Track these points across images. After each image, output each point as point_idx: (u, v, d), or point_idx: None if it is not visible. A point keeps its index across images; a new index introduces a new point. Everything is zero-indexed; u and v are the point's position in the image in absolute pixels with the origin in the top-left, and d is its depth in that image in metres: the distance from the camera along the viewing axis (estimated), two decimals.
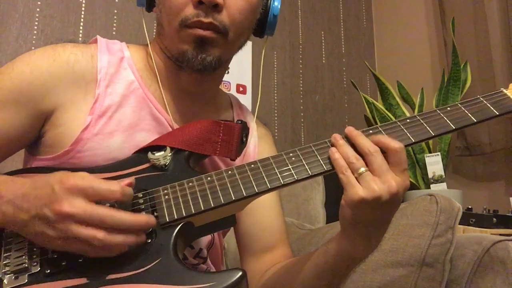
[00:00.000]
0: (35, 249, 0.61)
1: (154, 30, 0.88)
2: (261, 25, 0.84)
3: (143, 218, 0.59)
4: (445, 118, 0.69)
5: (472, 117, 0.70)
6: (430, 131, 0.68)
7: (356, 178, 0.61)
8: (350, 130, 0.66)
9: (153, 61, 0.82)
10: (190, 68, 0.77)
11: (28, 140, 0.76)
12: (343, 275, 0.71)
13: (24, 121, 0.73)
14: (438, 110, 0.71)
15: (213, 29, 0.73)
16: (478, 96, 0.73)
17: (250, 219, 0.86)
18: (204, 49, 0.74)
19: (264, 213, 0.82)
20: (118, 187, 0.58)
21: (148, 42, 0.84)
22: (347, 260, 0.68)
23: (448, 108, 0.71)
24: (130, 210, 0.63)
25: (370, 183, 0.60)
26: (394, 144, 0.62)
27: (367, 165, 0.62)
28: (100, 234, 0.55)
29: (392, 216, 0.65)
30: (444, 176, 1.77)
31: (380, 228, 0.65)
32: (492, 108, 0.71)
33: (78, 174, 0.59)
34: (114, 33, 1.77)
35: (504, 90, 0.74)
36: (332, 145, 0.66)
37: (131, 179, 0.63)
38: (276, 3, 0.84)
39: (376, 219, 0.63)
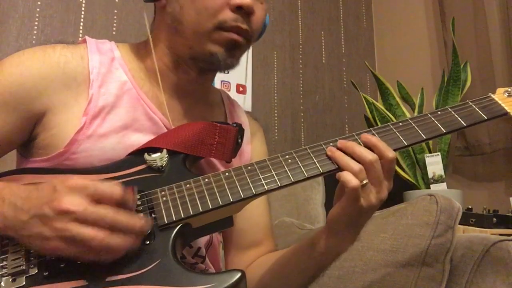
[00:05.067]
0: (32, 251, 0.60)
1: (148, 28, 0.87)
2: None
3: (142, 220, 0.58)
4: (436, 122, 0.72)
5: (462, 121, 0.72)
6: (422, 134, 0.70)
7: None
8: (342, 143, 0.68)
9: (147, 60, 0.82)
10: (213, 69, 0.80)
11: (18, 142, 0.76)
12: (327, 266, 0.77)
13: (15, 124, 0.72)
14: (429, 114, 0.73)
15: (246, 35, 0.76)
16: (468, 101, 0.75)
17: (238, 215, 0.87)
18: (233, 54, 0.77)
19: (252, 209, 0.83)
20: (119, 188, 0.57)
21: (151, 41, 0.82)
22: (334, 255, 0.75)
23: (439, 112, 0.73)
24: None
25: (369, 195, 0.65)
26: (389, 153, 0.66)
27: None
28: (100, 235, 0.54)
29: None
30: (444, 176, 1.77)
31: (365, 222, 0.71)
32: (481, 113, 0.73)
33: (82, 175, 0.59)
34: (114, 33, 1.77)
35: (492, 95, 0.77)
36: (327, 153, 0.68)
37: (134, 187, 0.61)
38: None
39: (364, 221, 0.70)
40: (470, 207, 1.42)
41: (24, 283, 0.58)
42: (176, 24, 0.78)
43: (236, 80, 2.05)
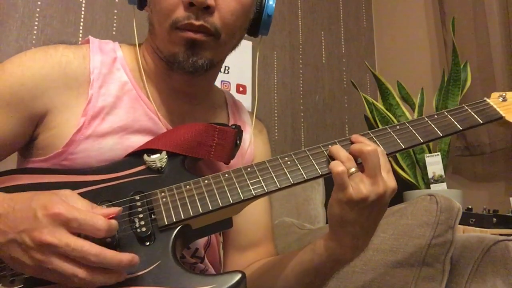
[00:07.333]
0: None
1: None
2: (255, 24, 0.83)
3: (127, 258, 0.55)
4: (433, 126, 0.73)
5: (458, 125, 0.73)
6: (419, 137, 0.71)
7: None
8: (334, 148, 0.68)
9: (145, 61, 0.81)
10: (181, 70, 0.76)
11: (20, 143, 0.75)
12: (326, 275, 0.73)
13: (16, 124, 0.72)
14: (426, 118, 0.74)
15: (204, 31, 0.72)
16: (463, 105, 0.76)
17: (237, 215, 0.86)
18: (195, 52, 0.73)
19: (252, 209, 0.82)
20: (103, 224, 0.54)
21: (137, 43, 0.83)
22: (333, 261, 0.70)
23: (435, 116, 0.74)
24: (127, 213, 0.64)
25: (359, 184, 0.63)
26: (366, 147, 0.64)
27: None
28: (81, 273, 0.52)
29: (380, 219, 0.67)
30: (444, 176, 1.77)
31: (368, 230, 0.67)
32: (476, 117, 0.74)
33: (63, 194, 0.56)
34: (114, 33, 1.77)
35: (487, 100, 0.78)
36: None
37: (118, 209, 0.58)
38: (271, 2, 0.82)
39: (364, 220, 0.65)
40: (470, 207, 1.42)
41: (22, 284, 0.58)
42: (151, 26, 0.79)
43: (236, 80, 2.05)
